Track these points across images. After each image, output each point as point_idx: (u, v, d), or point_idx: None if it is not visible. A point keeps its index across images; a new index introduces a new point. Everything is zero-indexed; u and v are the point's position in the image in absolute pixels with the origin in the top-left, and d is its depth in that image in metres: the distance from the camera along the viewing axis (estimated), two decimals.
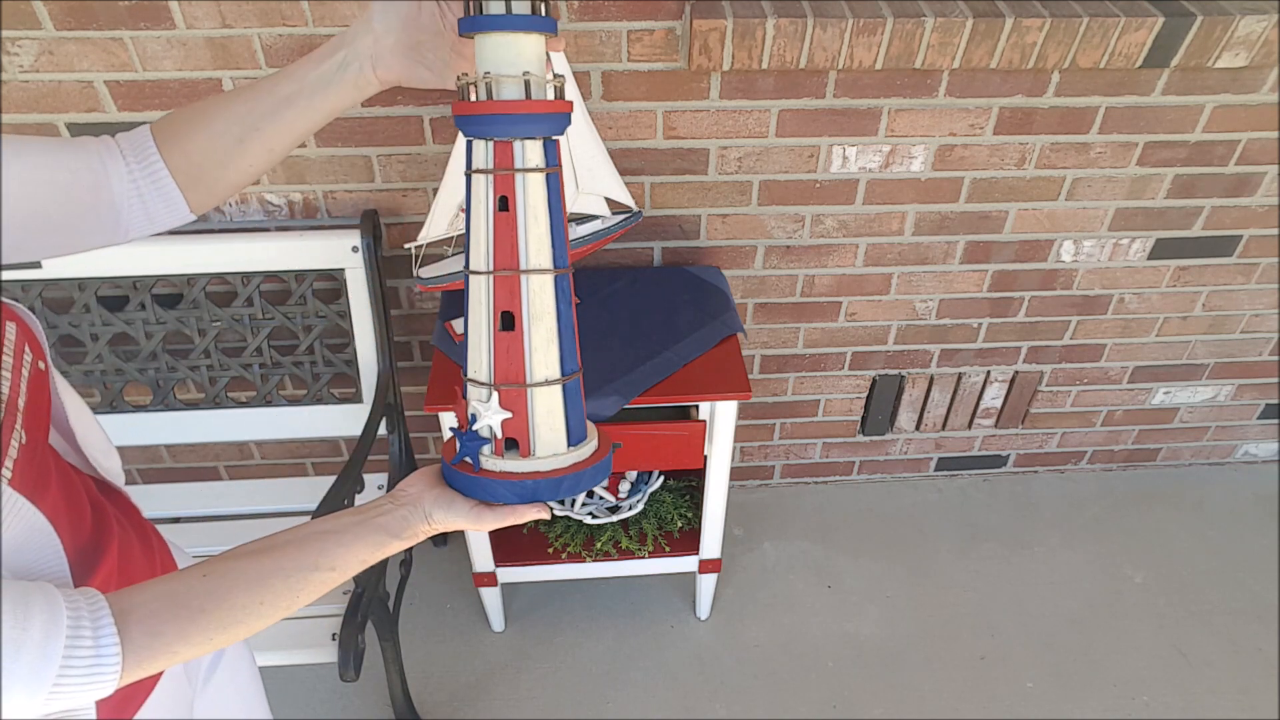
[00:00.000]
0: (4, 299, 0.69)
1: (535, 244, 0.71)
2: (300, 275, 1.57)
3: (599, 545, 1.72)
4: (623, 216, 1.55)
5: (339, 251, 1.54)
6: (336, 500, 1.33)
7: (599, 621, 1.90)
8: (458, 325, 1.54)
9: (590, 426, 0.80)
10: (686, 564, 1.77)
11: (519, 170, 0.70)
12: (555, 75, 0.72)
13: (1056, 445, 2.18)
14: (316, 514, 1.29)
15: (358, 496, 1.40)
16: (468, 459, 0.75)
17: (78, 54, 1.39)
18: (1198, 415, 2.15)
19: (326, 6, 1.38)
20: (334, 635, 1.45)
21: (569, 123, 0.74)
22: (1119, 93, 1.56)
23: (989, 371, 1.99)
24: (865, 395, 2.01)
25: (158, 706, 0.82)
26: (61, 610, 0.58)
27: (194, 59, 1.41)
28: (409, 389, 1.86)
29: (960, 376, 1.99)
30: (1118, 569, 2.02)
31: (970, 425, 2.10)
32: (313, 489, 1.66)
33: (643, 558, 1.73)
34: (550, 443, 0.75)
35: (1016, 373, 2.00)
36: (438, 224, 1.41)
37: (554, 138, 0.72)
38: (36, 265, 1.47)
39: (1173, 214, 1.75)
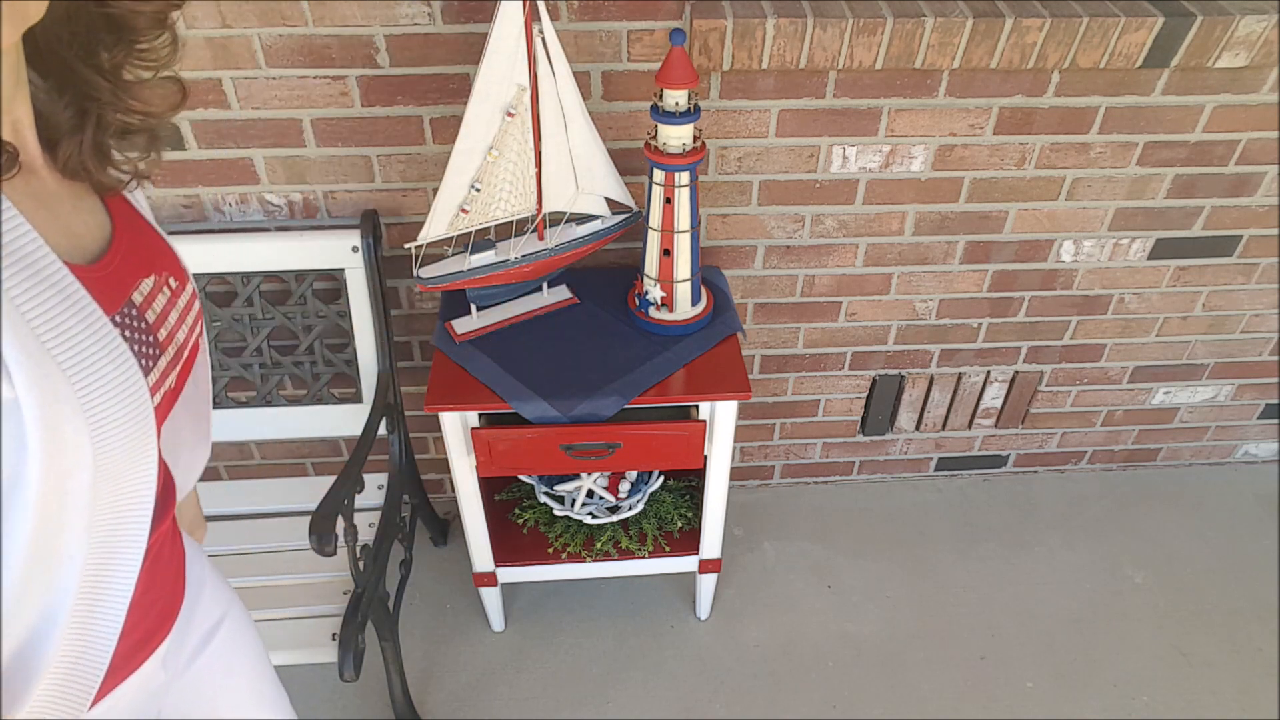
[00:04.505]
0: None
1: (681, 220, 1.41)
2: (300, 275, 1.57)
3: (599, 545, 1.72)
4: (623, 216, 1.55)
5: (339, 251, 1.54)
6: (336, 501, 1.33)
7: (599, 621, 1.90)
8: (458, 325, 1.54)
9: (702, 297, 1.56)
10: (686, 564, 1.77)
11: (676, 186, 1.37)
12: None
13: (1056, 445, 2.18)
14: (315, 513, 1.29)
15: (358, 497, 1.40)
16: (642, 310, 1.52)
17: None
18: (1198, 415, 2.15)
19: (326, 7, 1.38)
20: (334, 635, 1.46)
21: (702, 161, 1.37)
22: (1119, 93, 1.56)
23: (989, 371, 1.99)
24: (865, 395, 2.01)
25: (122, 698, 0.80)
26: None
27: (194, 59, 1.41)
28: (409, 389, 1.86)
29: (960, 376, 1.99)
30: (1118, 569, 2.03)
31: (970, 425, 2.10)
32: (312, 489, 1.66)
33: (643, 558, 1.73)
34: (683, 306, 1.51)
35: (1016, 373, 2.00)
36: (438, 224, 1.41)
37: (694, 168, 1.36)
38: None
39: (1173, 214, 1.75)
